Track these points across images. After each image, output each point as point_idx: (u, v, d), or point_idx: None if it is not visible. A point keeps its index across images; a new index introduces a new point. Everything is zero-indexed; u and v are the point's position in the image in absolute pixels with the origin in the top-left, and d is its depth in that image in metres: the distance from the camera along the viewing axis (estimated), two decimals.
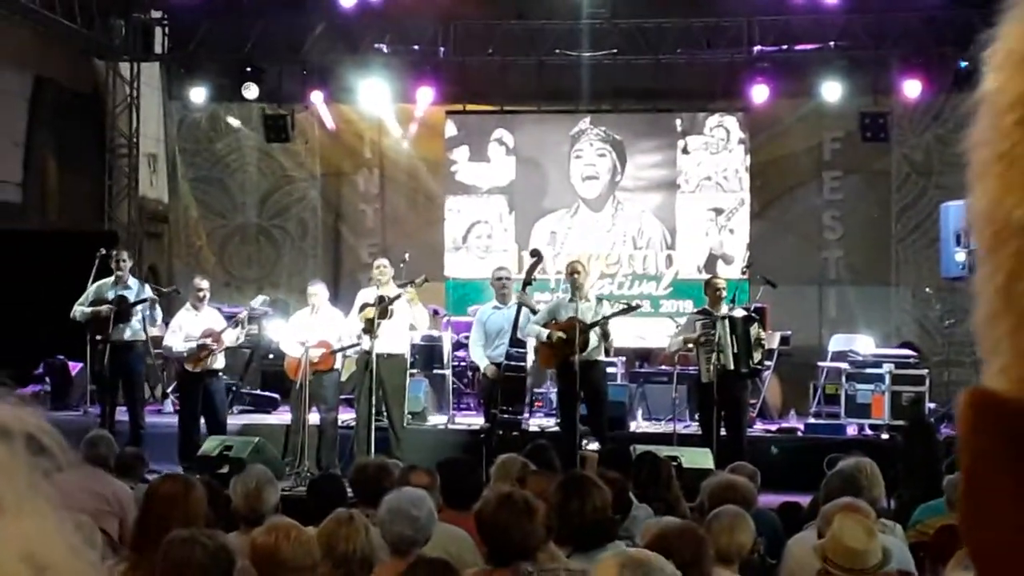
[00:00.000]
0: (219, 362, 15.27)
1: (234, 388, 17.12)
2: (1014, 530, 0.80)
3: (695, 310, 15.26)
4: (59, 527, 0.89)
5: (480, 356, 15.17)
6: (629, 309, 14.87)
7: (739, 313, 14.65)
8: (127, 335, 15.18)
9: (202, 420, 15.16)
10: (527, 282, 15.10)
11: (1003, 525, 0.81)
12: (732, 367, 14.23)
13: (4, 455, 0.89)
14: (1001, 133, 0.83)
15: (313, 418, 14.88)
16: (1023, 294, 0.80)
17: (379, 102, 20.14)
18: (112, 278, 15.32)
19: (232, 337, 15.38)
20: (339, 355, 15.02)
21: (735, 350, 14.26)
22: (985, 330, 0.83)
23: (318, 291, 15.33)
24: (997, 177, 0.83)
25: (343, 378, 15.49)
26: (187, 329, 15.17)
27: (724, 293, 14.71)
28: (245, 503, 6.90)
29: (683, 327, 15.15)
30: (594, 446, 13.38)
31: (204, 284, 15.62)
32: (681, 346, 15.06)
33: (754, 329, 14.48)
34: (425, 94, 19.73)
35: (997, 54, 0.84)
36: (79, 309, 15.16)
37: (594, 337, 14.27)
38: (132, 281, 15.51)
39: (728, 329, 14.27)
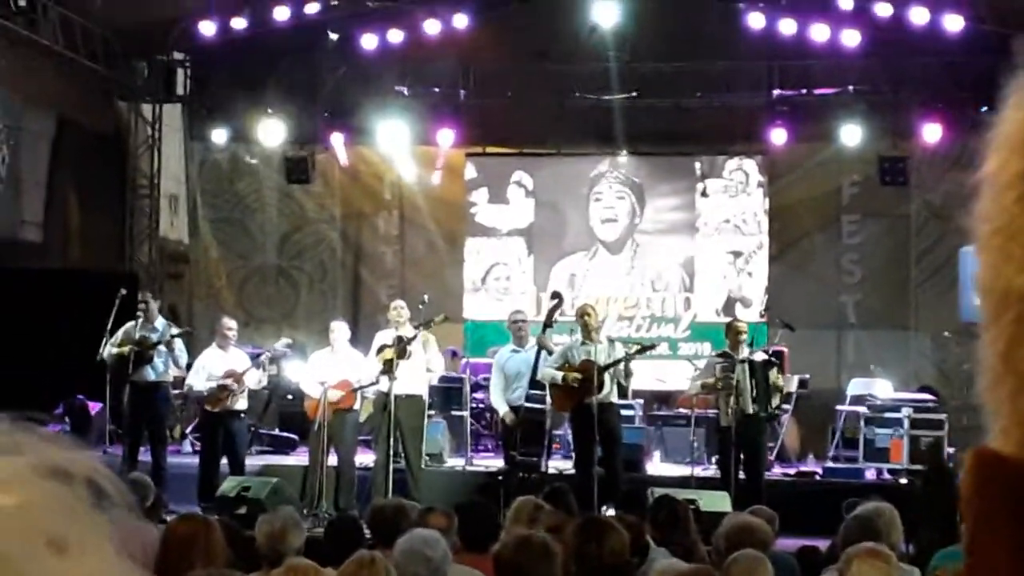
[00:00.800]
0: (241, 403, 15.28)
1: (253, 428, 17.13)
2: None
3: (715, 352, 15.27)
4: (120, 569, 0.92)
5: (500, 401, 15.18)
6: (645, 348, 14.88)
7: (759, 357, 14.66)
8: (151, 376, 15.22)
9: (224, 460, 15.19)
10: (547, 324, 15.10)
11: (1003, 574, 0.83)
12: (751, 411, 14.23)
13: (67, 497, 0.91)
14: (1001, 209, 0.87)
15: (332, 459, 14.89)
16: (1021, 360, 0.83)
17: (399, 144, 20.19)
18: (141, 319, 15.40)
19: (254, 379, 15.39)
20: (359, 395, 15.04)
21: (754, 394, 14.27)
22: (989, 394, 0.86)
23: (338, 330, 15.37)
24: (997, 249, 0.87)
25: (361, 419, 15.51)
26: (210, 369, 15.20)
27: (745, 336, 14.71)
28: (268, 543, 6.91)
29: (703, 370, 15.18)
30: (611, 512, 13.38)
31: (232, 324, 15.65)
32: (699, 390, 15.08)
33: (773, 373, 14.50)
34: (445, 136, 19.79)
35: (997, 137, 0.89)
36: (106, 350, 15.24)
37: (608, 379, 14.29)
38: (159, 322, 15.61)
39: (747, 373, 14.28)
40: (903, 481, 15.59)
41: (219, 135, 20.58)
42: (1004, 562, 0.82)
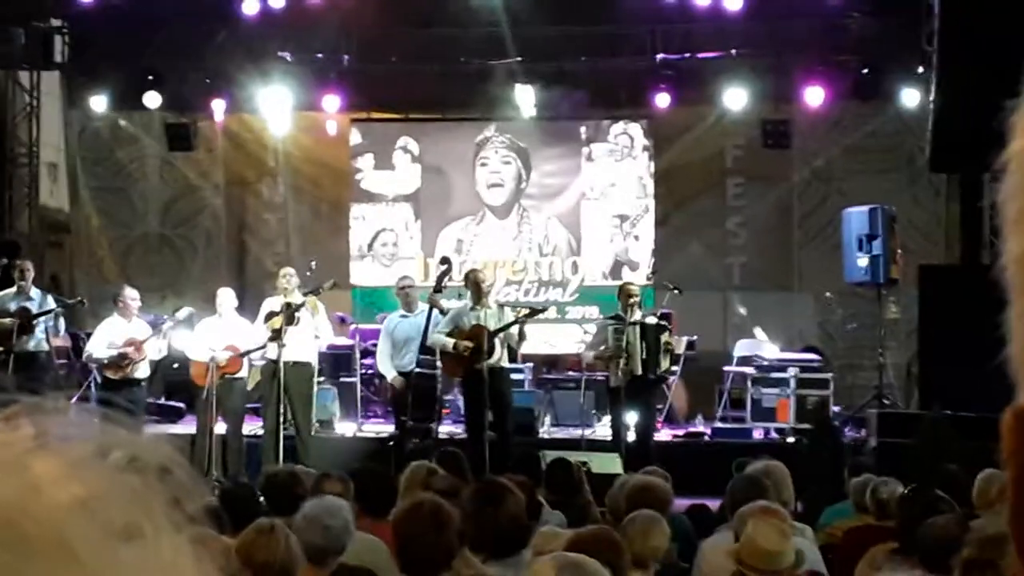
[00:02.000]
0: (141, 371, 15.12)
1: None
2: None
3: (608, 316, 15.30)
4: (195, 559, 0.92)
5: (388, 368, 15.17)
6: (535, 312, 14.89)
7: (651, 320, 14.75)
8: (31, 346, 15.04)
9: None
10: (437, 289, 15.12)
11: None
12: (640, 372, 14.32)
13: (140, 486, 0.91)
14: None
15: (219, 427, 14.79)
16: None
17: (282, 110, 20.01)
18: (14, 289, 15.16)
19: (155, 348, 15.20)
20: (245, 362, 14.95)
21: (643, 356, 14.36)
22: (1019, 360, 0.89)
23: (224, 296, 15.27)
24: None
25: (250, 387, 15.42)
26: (111, 337, 15.02)
27: (636, 299, 14.79)
28: None
29: (596, 333, 15.21)
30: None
31: (133, 293, 15.46)
32: (591, 360, 15.21)
33: (665, 336, 14.60)
34: (330, 102, 19.65)
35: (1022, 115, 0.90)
36: None
37: (498, 344, 14.32)
38: (35, 292, 15.34)
39: (638, 335, 14.35)
40: (790, 440, 15.80)
41: (98, 102, 20.24)
42: None
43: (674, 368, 16.15)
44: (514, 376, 15.73)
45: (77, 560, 0.86)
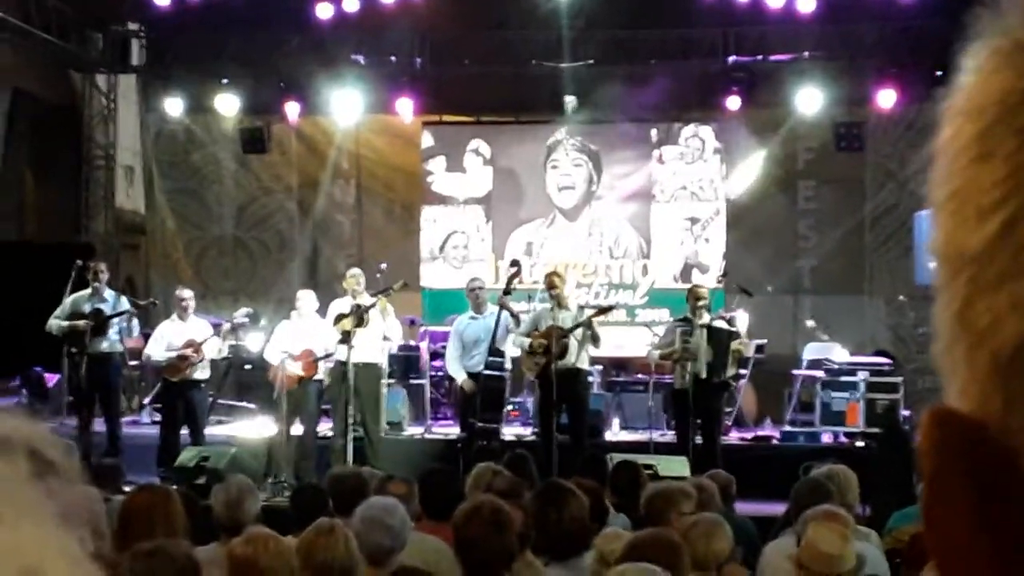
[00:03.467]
0: (201, 373, 15.26)
1: (211, 398, 17.10)
2: (971, 538, 0.86)
3: (676, 318, 15.24)
4: (62, 541, 0.89)
5: (457, 369, 15.20)
6: (602, 311, 14.88)
7: (721, 324, 14.71)
8: (104, 347, 15.19)
9: (184, 430, 15.19)
10: (507, 292, 15.14)
11: (960, 535, 0.87)
12: (704, 376, 14.29)
13: (3, 467, 0.89)
14: (955, 173, 0.90)
15: (296, 428, 14.91)
16: (976, 318, 0.87)
17: (355, 113, 20.14)
18: (88, 290, 15.32)
19: (214, 348, 15.35)
20: (322, 364, 15.05)
21: (709, 359, 14.32)
22: (944, 356, 0.89)
23: (305, 298, 15.37)
24: (952, 213, 0.90)
25: None
26: (169, 339, 15.18)
27: (705, 301, 14.76)
28: (226, 512, 6.93)
29: (664, 334, 15.16)
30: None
31: (187, 294, 15.63)
32: (656, 359, 15.18)
33: (735, 343, 14.54)
34: (403, 105, 19.74)
35: (951, 104, 0.92)
36: (55, 323, 15.15)
37: (575, 344, 14.33)
38: (108, 293, 15.50)
39: (704, 338, 14.32)
40: (859, 444, 15.72)
41: (174, 106, 20.44)
42: (961, 521, 0.86)
43: (742, 372, 16.11)
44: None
45: None
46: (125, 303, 15.53)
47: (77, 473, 0.98)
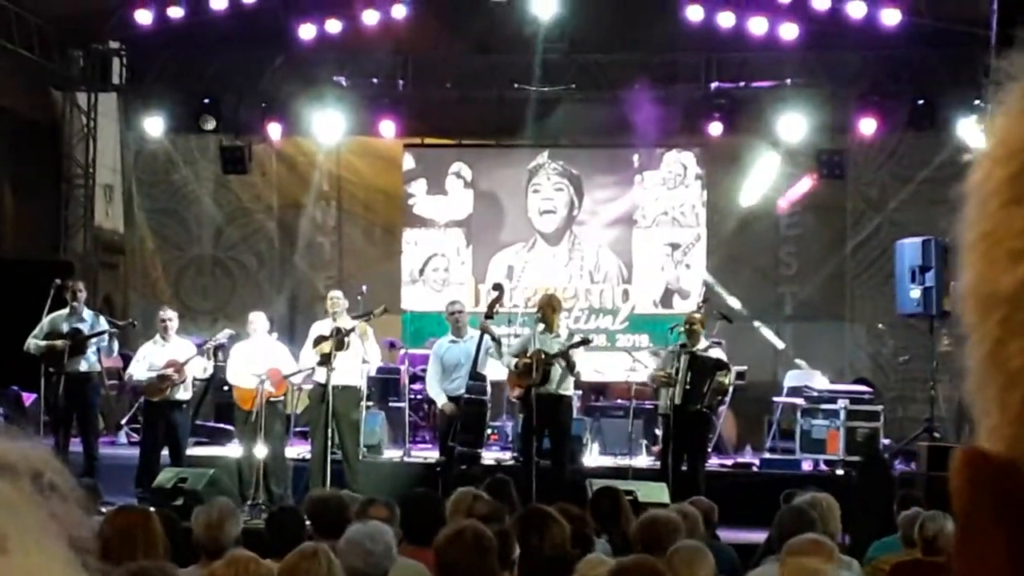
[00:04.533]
0: (183, 393, 15.17)
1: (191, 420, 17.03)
2: (1002, 573, 0.84)
3: (676, 344, 15.05)
4: (66, 566, 0.89)
5: (437, 392, 15.14)
6: (576, 345, 14.75)
7: (712, 354, 14.61)
8: (82, 367, 15.10)
9: (164, 451, 15.11)
10: (488, 315, 15.08)
11: (992, 571, 0.84)
12: (679, 402, 14.24)
13: (10, 493, 0.89)
14: (986, 216, 0.89)
15: (261, 450, 14.83)
16: (1008, 358, 0.85)
17: (337, 134, 20.11)
18: (67, 310, 15.23)
19: (199, 367, 15.26)
20: (289, 384, 15.02)
21: (687, 386, 14.26)
22: (976, 395, 0.88)
23: (256, 320, 15.35)
24: (983, 254, 0.89)
25: (298, 411, 15.47)
26: (151, 359, 15.08)
27: (696, 328, 14.71)
28: (207, 534, 6.88)
29: (664, 358, 15.06)
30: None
31: (170, 315, 15.51)
32: (649, 381, 15.19)
33: (722, 376, 14.46)
34: (384, 127, 19.73)
35: (985, 147, 0.90)
36: (33, 342, 15.06)
37: (558, 371, 14.29)
38: (87, 313, 15.41)
39: (685, 364, 14.27)
40: (839, 472, 15.70)
41: (155, 125, 20.37)
42: (994, 562, 0.83)
43: (721, 407, 16.08)
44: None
45: None
46: (103, 323, 15.44)
47: (78, 496, 0.96)
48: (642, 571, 5.65)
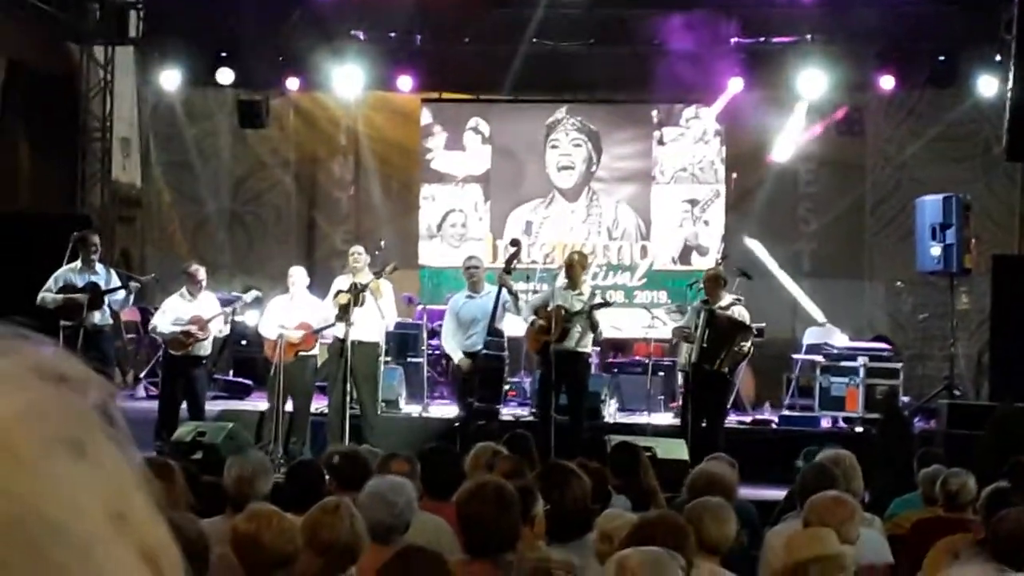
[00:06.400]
0: (204, 349, 15.15)
1: (210, 374, 17.02)
2: None
3: (699, 301, 14.91)
4: (138, 476, 0.91)
5: (453, 348, 15.08)
6: (600, 306, 14.63)
7: (735, 312, 14.42)
8: (97, 320, 15.08)
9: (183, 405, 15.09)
10: (506, 271, 14.97)
11: None
12: (695, 360, 14.15)
13: (79, 402, 0.90)
14: None
15: (288, 405, 14.83)
16: None
17: (355, 89, 20.04)
18: (78, 263, 15.18)
19: (216, 327, 15.22)
20: (318, 339, 14.98)
21: (704, 344, 14.15)
22: None
23: (296, 275, 15.27)
24: None
25: (317, 365, 15.44)
26: (177, 313, 15.03)
27: (713, 286, 14.57)
28: (236, 487, 6.87)
29: (687, 316, 14.95)
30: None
31: (202, 272, 15.41)
32: (671, 336, 15.16)
33: (743, 341, 14.31)
34: (403, 82, 19.67)
35: None
36: (48, 295, 15.00)
37: (578, 328, 14.22)
38: (99, 267, 15.36)
39: (704, 322, 14.17)
40: (858, 429, 15.66)
41: (172, 78, 20.30)
42: None
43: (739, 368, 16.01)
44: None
45: (23, 466, 0.85)
46: (115, 278, 15.39)
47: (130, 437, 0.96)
48: (665, 527, 5.62)
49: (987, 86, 18.41)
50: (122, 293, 15.21)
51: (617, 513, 6.77)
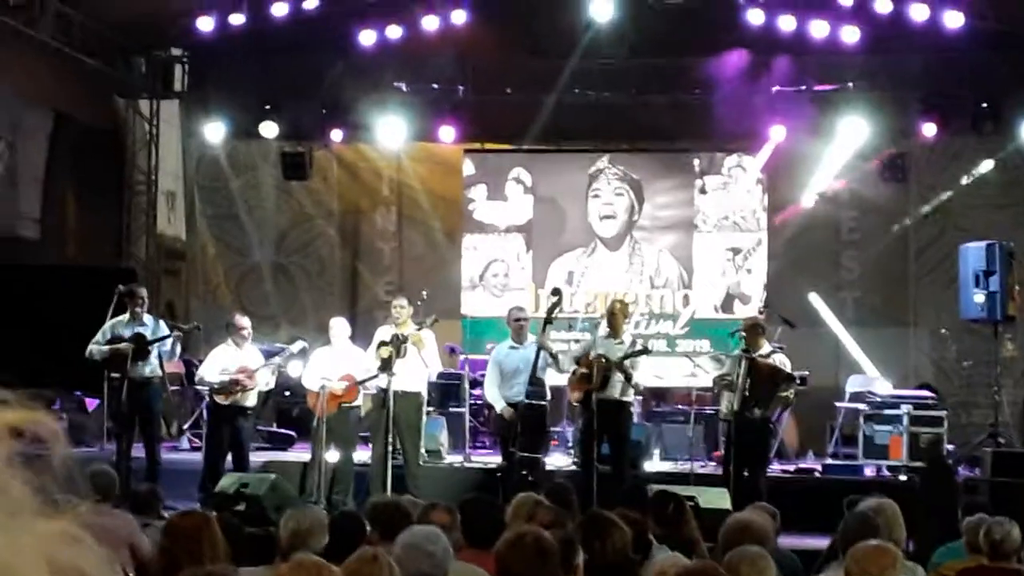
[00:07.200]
0: (250, 400, 15.20)
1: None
2: None
3: (739, 349, 14.92)
4: (37, 556, 0.88)
5: (496, 397, 15.07)
6: (640, 352, 14.66)
7: (776, 360, 14.42)
8: (146, 372, 15.13)
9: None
10: (548, 320, 14.97)
11: None
12: (737, 408, 14.12)
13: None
14: None
15: (332, 456, 14.88)
16: None
17: (398, 140, 20.16)
18: (127, 315, 15.28)
19: (264, 379, 15.27)
20: (361, 390, 15.03)
21: (746, 392, 14.12)
22: None
23: (337, 327, 15.36)
24: None
25: (360, 415, 15.48)
26: (224, 363, 15.12)
27: (759, 331, 14.58)
28: (291, 541, 6.90)
29: (728, 365, 14.94)
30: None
31: (246, 322, 15.51)
32: (712, 384, 15.12)
33: (785, 391, 14.29)
34: (445, 132, 19.78)
35: None
36: (95, 347, 15.10)
37: (619, 377, 14.23)
38: (147, 318, 15.44)
39: (745, 370, 14.15)
40: (903, 478, 15.58)
41: (216, 131, 20.48)
42: None
43: (782, 418, 15.96)
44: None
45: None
46: (164, 328, 15.47)
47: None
48: (706, 575, 5.61)
49: None
50: (168, 342, 15.27)
51: (674, 559, 6.78)
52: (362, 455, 15.51)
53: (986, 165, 19.27)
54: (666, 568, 6.35)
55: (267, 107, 19.97)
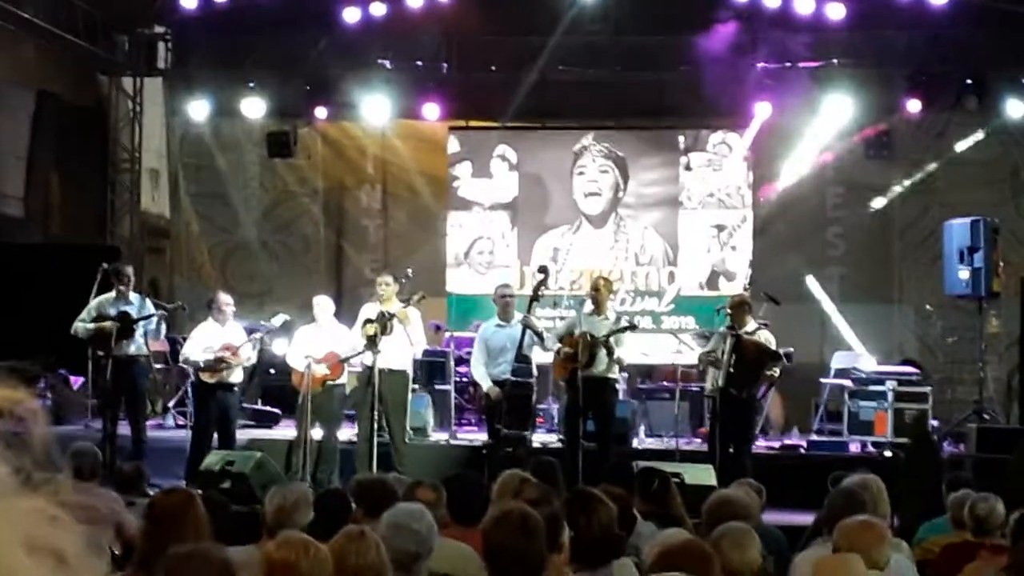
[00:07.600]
0: (235, 376, 15.18)
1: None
2: None
3: (725, 326, 14.97)
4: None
5: (482, 375, 15.06)
6: (626, 328, 14.65)
7: (761, 336, 14.41)
8: (131, 350, 15.08)
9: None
10: (534, 298, 14.94)
11: None
12: (722, 385, 14.11)
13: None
14: None
15: (317, 433, 14.86)
16: None
17: (382, 117, 20.12)
18: (113, 293, 15.24)
19: (246, 354, 15.24)
20: (346, 368, 15.00)
21: (731, 369, 14.11)
22: None
23: (322, 304, 15.34)
24: None
25: (346, 393, 15.46)
26: (208, 341, 15.08)
27: (745, 308, 14.57)
28: (277, 517, 6.89)
29: (713, 341, 14.93)
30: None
31: (228, 299, 15.49)
32: (698, 361, 15.09)
33: (770, 369, 14.30)
34: (430, 110, 19.74)
35: None
36: (80, 325, 15.06)
37: (604, 354, 14.21)
38: (133, 296, 15.39)
39: (730, 347, 14.14)
40: (887, 454, 15.60)
41: (200, 109, 20.43)
42: None
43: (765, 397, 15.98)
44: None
45: None
46: (150, 306, 15.42)
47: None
48: (691, 553, 5.61)
49: (1015, 109, 18.42)
50: (154, 321, 15.22)
51: (677, 535, 6.82)
52: (347, 433, 15.50)
53: (971, 141, 19.27)
54: (667, 544, 6.33)
55: (251, 85, 19.92)
